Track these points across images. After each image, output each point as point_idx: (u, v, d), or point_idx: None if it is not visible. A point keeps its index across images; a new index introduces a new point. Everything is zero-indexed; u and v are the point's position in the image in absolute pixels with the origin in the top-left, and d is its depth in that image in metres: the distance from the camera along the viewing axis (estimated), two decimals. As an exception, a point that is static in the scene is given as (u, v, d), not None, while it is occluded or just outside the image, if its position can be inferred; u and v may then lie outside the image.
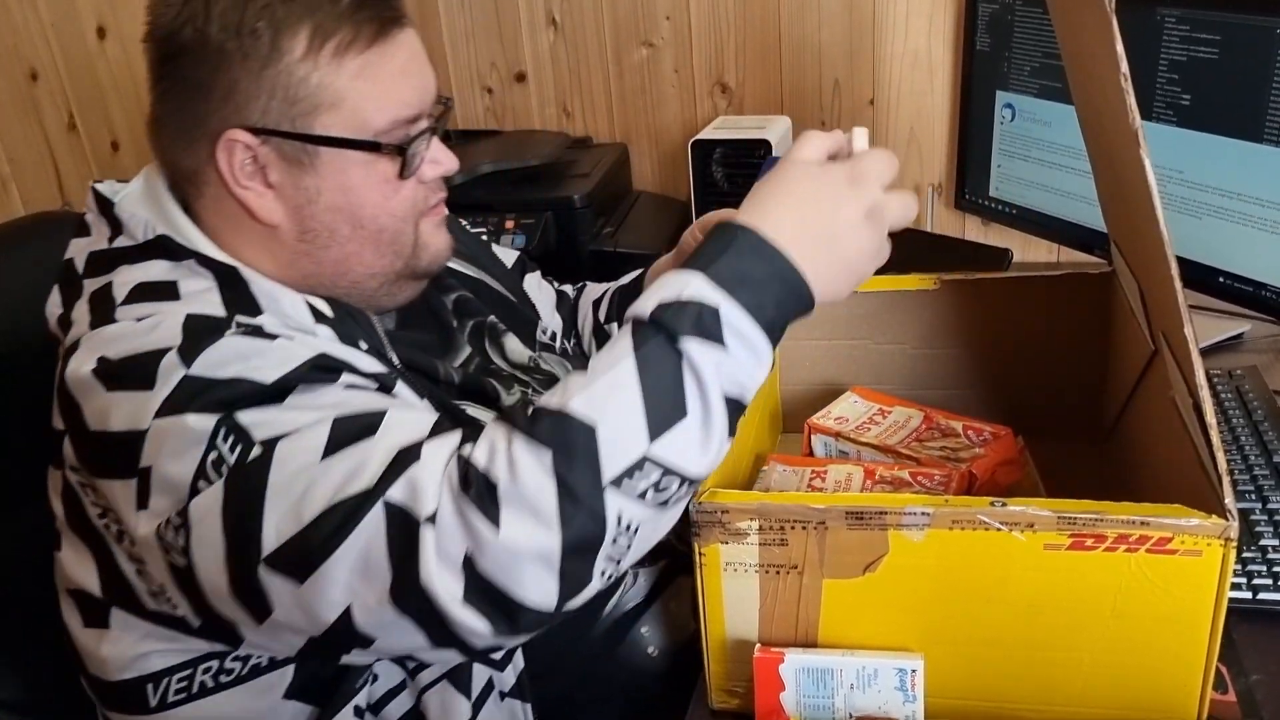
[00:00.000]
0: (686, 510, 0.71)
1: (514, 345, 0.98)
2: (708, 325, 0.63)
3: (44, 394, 0.79)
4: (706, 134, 1.46)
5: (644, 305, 0.65)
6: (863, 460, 0.94)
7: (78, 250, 0.81)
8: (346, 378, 0.72)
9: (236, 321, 0.72)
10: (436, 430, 0.68)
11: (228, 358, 0.69)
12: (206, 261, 0.76)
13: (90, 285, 0.78)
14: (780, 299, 0.66)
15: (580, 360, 1.09)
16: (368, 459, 0.64)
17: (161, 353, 0.69)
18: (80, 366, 0.72)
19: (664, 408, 0.63)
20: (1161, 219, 0.64)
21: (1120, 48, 0.63)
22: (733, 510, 0.71)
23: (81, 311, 0.77)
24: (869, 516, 0.68)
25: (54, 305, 0.81)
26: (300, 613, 0.65)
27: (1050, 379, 1.03)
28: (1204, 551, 0.64)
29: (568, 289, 1.19)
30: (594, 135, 1.67)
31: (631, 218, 1.53)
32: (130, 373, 0.69)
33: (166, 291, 0.74)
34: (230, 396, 0.68)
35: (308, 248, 0.80)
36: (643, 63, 1.61)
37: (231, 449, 0.66)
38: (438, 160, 0.83)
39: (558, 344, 1.07)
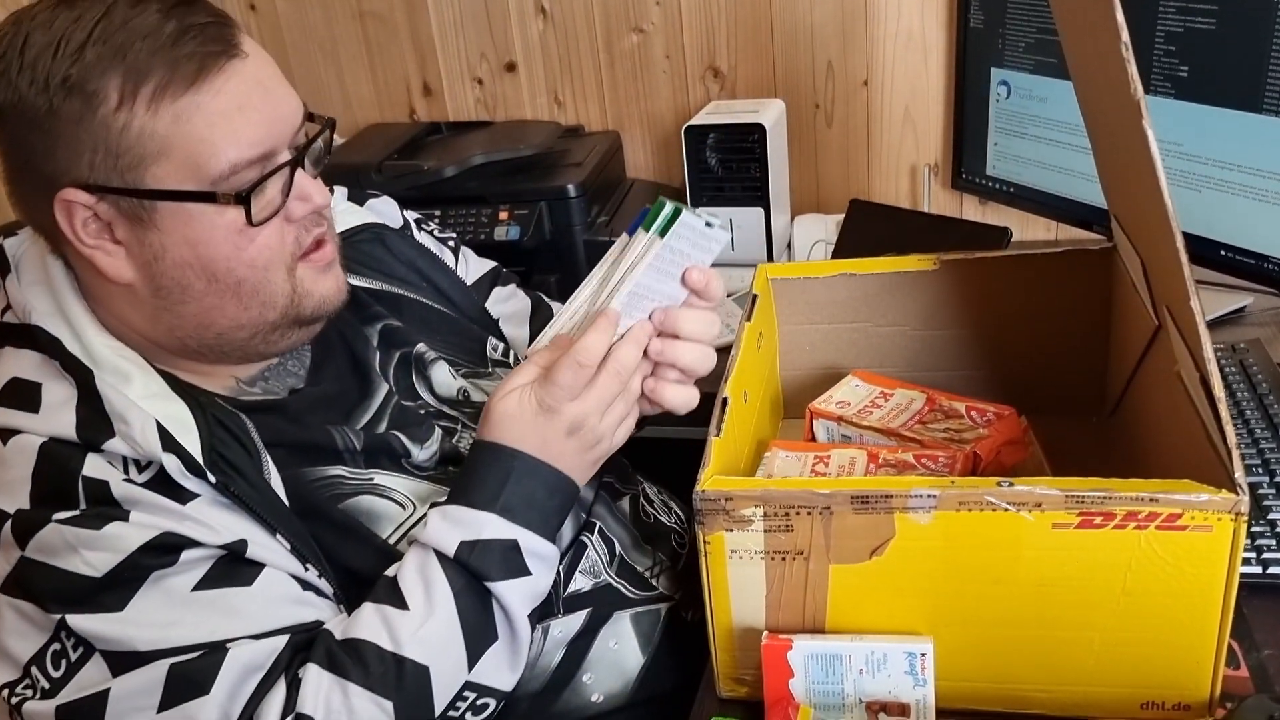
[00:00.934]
0: (689, 498, 0.71)
1: (441, 377, 0.94)
2: (512, 562, 0.75)
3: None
4: (699, 119, 1.45)
5: (446, 539, 0.75)
6: (866, 444, 0.93)
7: None
8: (189, 554, 0.72)
9: (67, 510, 0.72)
10: (281, 659, 0.72)
11: (57, 547, 0.70)
12: (70, 364, 0.75)
13: None
14: (561, 505, 0.79)
15: None
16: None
17: (4, 517, 0.72)
18: None
19: (478, 638, 0.75)
20: (1165, 191, 0.64)
21: (1121, 17, 0.62)
22: (737, 497, 0.70)
23: None
24: (875, 500, 0.68)
25: None
26: None
27: (1053, 357, 1.03)
28: (1214, 527, 0.63)
29: (554, 305, 1.14)
30: (586, 124, 1.66)
31: (626, 206, 1.52)
32: None
33: (30, 399, 0.74)
34: (66, 592, 0.70)
35: (164, 304, 0.76)
36: (633, 49, 1.60)
37: (74, 648, 0.71)
38: (306, 196, 0.76)
39: (511, 358, 1.02)
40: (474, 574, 0.74)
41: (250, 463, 0.77)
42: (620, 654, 0.88)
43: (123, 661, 0.70)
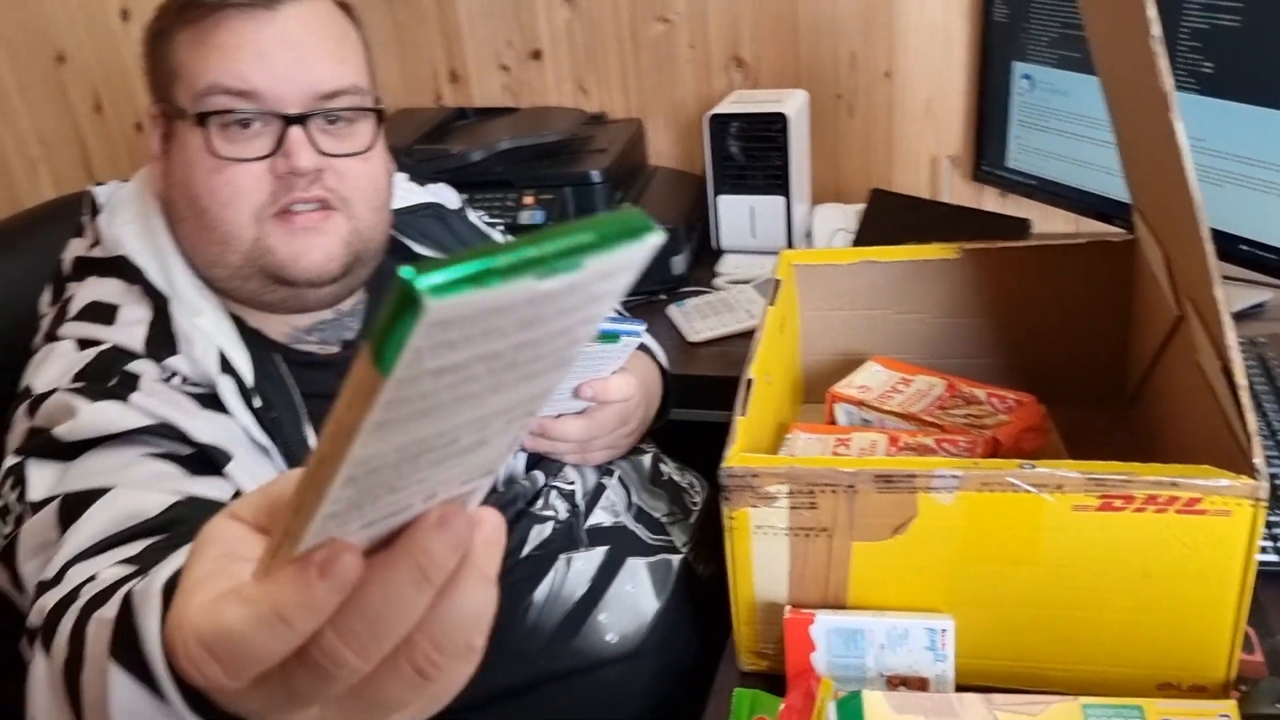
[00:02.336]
0: (712, 473, 0.73)
1: None
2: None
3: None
4: (722, 108, 1.46)
5: None
6: (886, 428, 0.95)
7: (69, 252, 0.86)
8: (158, 444, 0.72)
9: (75, 378, 0.75)
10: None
11: (51, 411, 0.74)
12: (151, 291, 0.80)
13: (69, 289, 0.84)
14: None
15: None
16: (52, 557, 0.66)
17: (28, 394, 0.76)
18: (21, 383, 0.79)
19: None
20: (1193, 180, 0.65)
21: (1153, 10, 0.63)
22: (763, 474, 0.72)
23: (47, 319, 0.83)
24: (898, 479, 0.69)
25: (43, 303, 0.87)
26: None
27: (1072, 346, 1.04)
28: (1233, 511, 0.65)
29: None
30: (609, 111, 1.67)
31: (649, 193, 1.53)
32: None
33: (107, 315, 0.80)
34: (35, 444, 0.72)
35: (174, 225, 0.84)
36: (658, 38, 1.61)
37: (13, 492, 0.72)
38: (288, 154, 0.78)
39: None
40: None
41: (290, 411, 0.80)
42: (636, 597, 0.90)
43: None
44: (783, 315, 1.00)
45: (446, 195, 1.10)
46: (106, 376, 0.75)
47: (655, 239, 0.29)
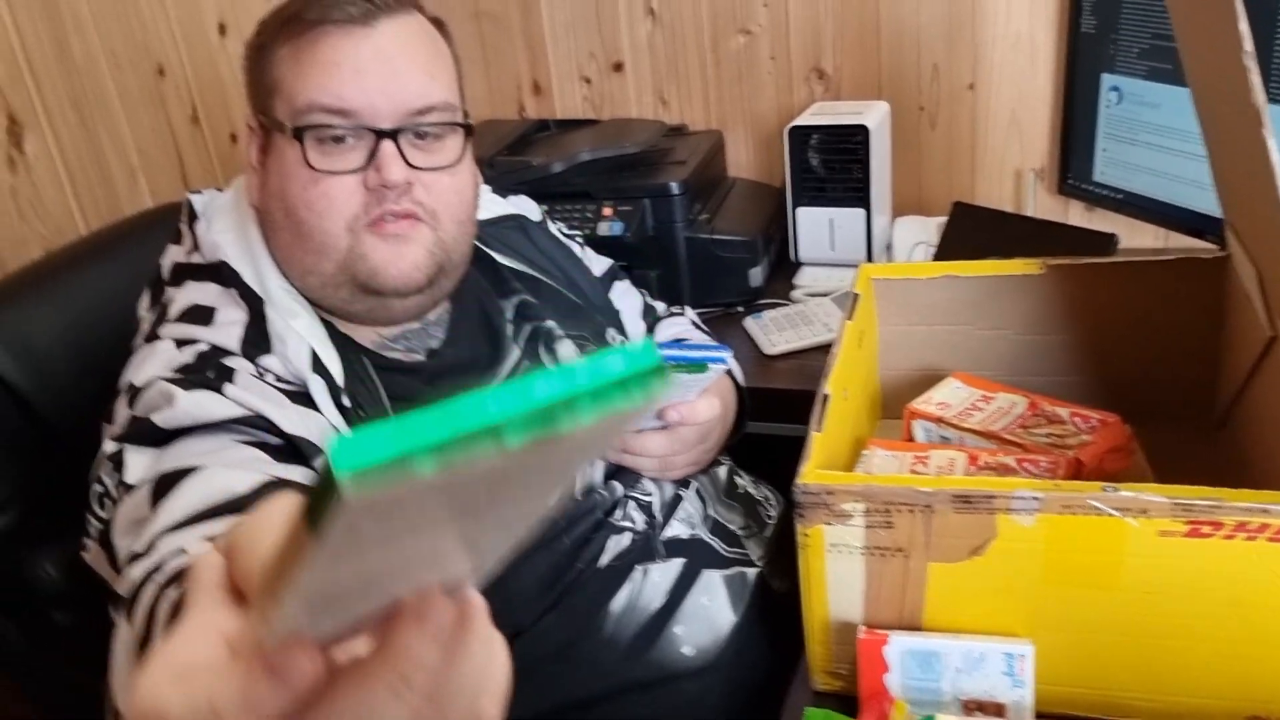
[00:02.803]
0: (787, 488, 0.73)
1: (567, 352, 0.99)
2: None
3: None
4: (803, 120, 1.46)
5: None
6: (965, 446, 0.93)
7: (167, 257, 0.89)
8: (249, 433, 0.74)
9: (176, 370, 0.78)
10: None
11: (150, 399, 0.76)
12: (247, 294, 0.83)
13: (167, 294, 0.86)
14: None
15: None
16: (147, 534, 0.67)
17: (131, 387, 0.79)
18: (123, 380, 0.82)
19: None
20: (1287, 200, 0.63)
21: (1244, 26, 0.62)
22: (838, 492, 0.71)
23: (147, 322, 0.86)
24: (977, 500, 0.68)
25: (142, 307, 0.89)
26: None
27: (1160, 366, 1.01)
28: (1328, 541, 0.62)
29: (658, 305, 1.21)
30: (689, 123, 1.68)
31: (728, 204, 1.53)
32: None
33: (204, 317, 0.82)
34: (133, 430, 0.75)
35: (269, 234, 0.86)
36: (739, 50, 1.62)
37: (111, 478, 0.74)
38: (379, 167, 0.81)
39: None
40: None
41: (378, 412, 0.83)
42: (712, 611, 0.90)
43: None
44: (861, 330, 0.99)
45: (528, 207, 1.12)
46: (203, 370, 0.78)
47: (661, 390, 0.26)
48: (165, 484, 0.69)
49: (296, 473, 0.73)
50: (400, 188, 0.81)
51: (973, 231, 1.38)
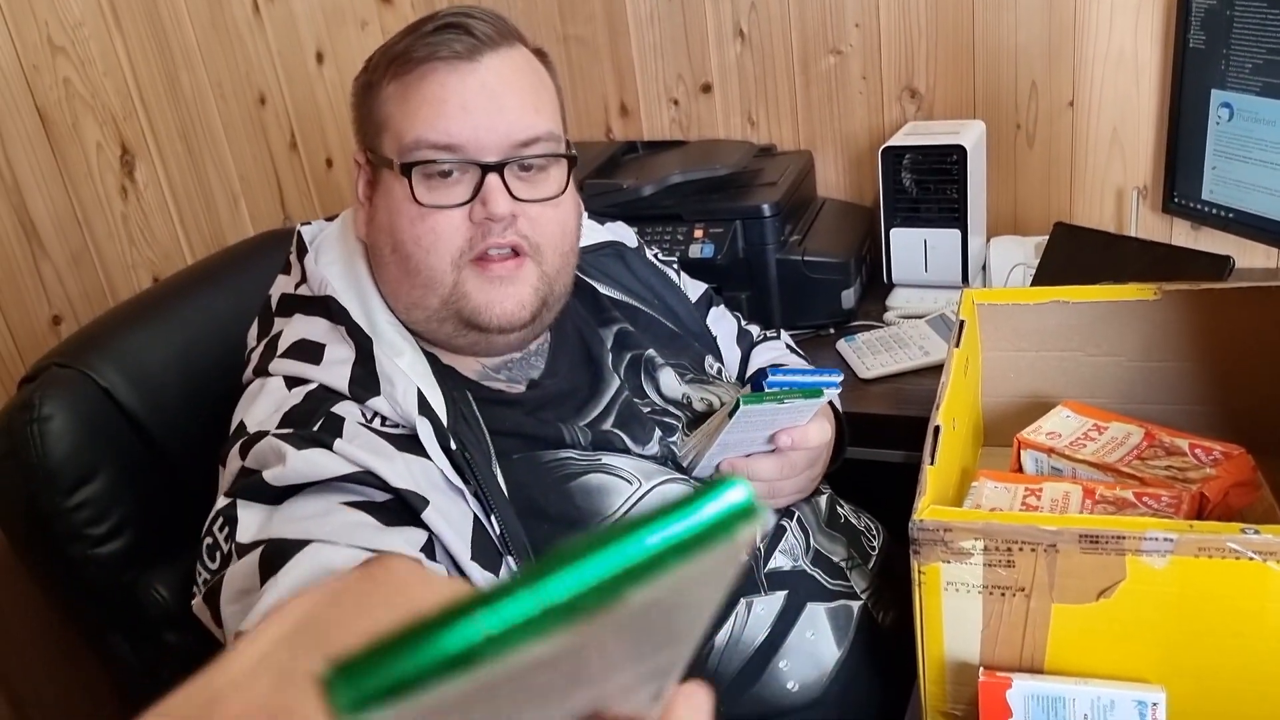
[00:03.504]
0: (886, 515, 0.71)
1: (668, 380, 0.98)
2: None
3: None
4: (896, 140, 1.44)
5: None
6: (1079, 478, 0.90)
7: (276, 288, 0.91)
8: (357, 493, 0.75)
9: (284, 418, 0.79)
10: None
11: (262, 454, 0.77)
12: (355, 331, 0.83)
13: (276, 325, 0.88)
14: None
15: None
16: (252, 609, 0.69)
17: (243, 430, 0.81)
18: (235, 417, 0.84)
19: None
20: None
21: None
22: (956, 529, 0.69)
23: (256, 353, 0.87)
24: (1105, 540, 0.66)
25: (251, 337, 0.91)
26: None
27: (1284, 396, 0.97)
28: None
29: (753, 329, 1.20)
30: (778, 144, 1.67)
31: (818, 225, 1.52)
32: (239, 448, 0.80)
33: (314, 354, 0.83)
34: (245, 485, 0.76)
35: (377, 267, 0.87)
36: (830, 70, 1.60)
37: (222, 532, 0.75)
38: (485, 200, 0.81)
39: (723, 377, 1.06)
40: None
41: (481, 450, 0.82)
42: (816, 645, 0.88)
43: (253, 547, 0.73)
44: (966, 356, 0.97)
45: (625, 234, 1.11)
46: (312, 418, 0.78)
47: (750, 534, 0.22)
48: (272, 556, 0.71)
49: (400, 536, 0.74)
50: (505, 220, 0.81)
51: (1075, 252, 1.34)
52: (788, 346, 1.20)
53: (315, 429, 0.77)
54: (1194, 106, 1.33)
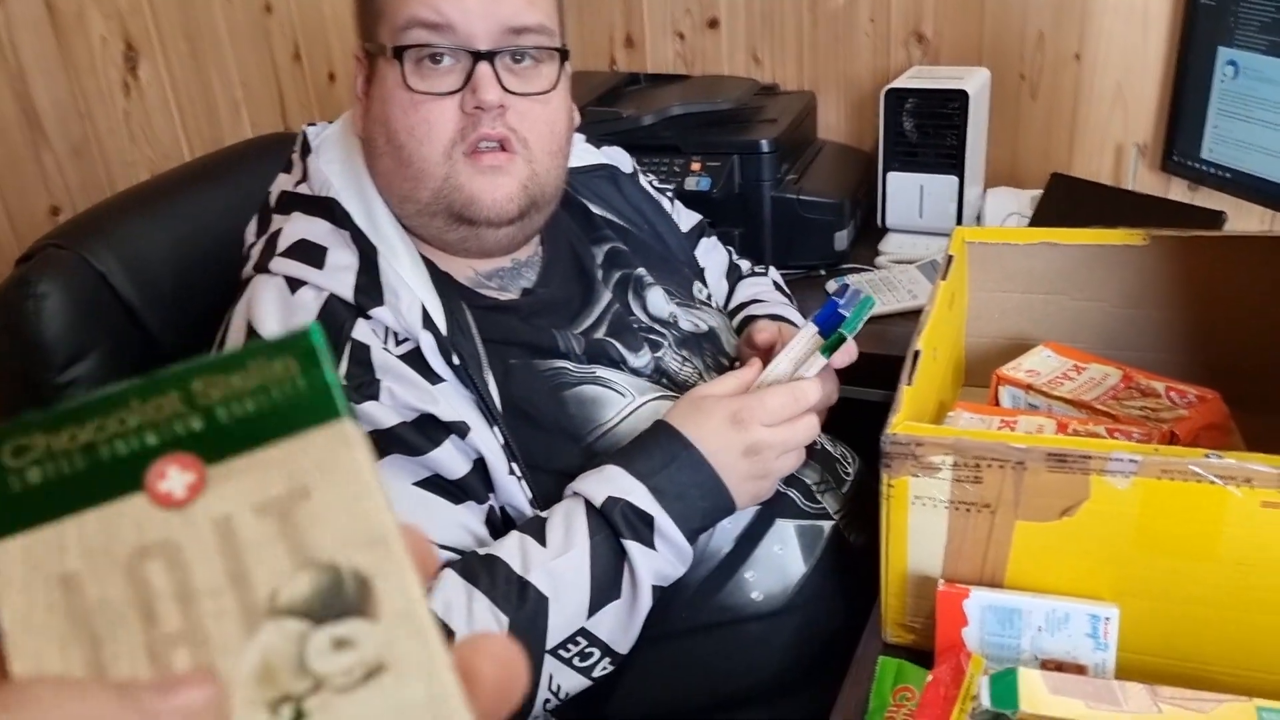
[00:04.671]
0: (866, 453, 0.72)
1: (656, 299, 0.99)
2: (644, 534, 0.77)
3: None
4: (900, 83, 1.44)
5: (596, 491, 0.78)
6: (1055, 414, 0.92)
7: (276, 185, 0.91)
8: (435, 448, 0.78)
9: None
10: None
11: None
12: (358, 237, 0.84)
13: (275, 223, 0.87)
14: (709, 511, 0.81)
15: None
16: None
17: None
18: (238, 318, 0.83)
19: (603, 589, 0.77)
20: None
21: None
22: (927, 444, 0.71)
23: (256, 249, 0.87)
24: (1072, 460, 0.67)
25: (249, 233, 0.91)
26: None
27: (1264, 347, 0.98)
28: None
29: (743, 264, 1.21)
30: (782, 83, 1.66)
31: (816, 165, 1.52)
32: None
33: (316, 257, 0.83)
34: None
35: (372, 162, 0.87)
36: (838, 11, 1.59)
37: None
38: (475, 88, 0.81)
39: (712, 303, 1.08)
40: (613, 528, 0.77)
41: (474, 360, 0.83)
42: (783, 559, 0.90)
43: None
44: (952, 292, 0.98)
45: (620, 158, 1.12)
46: (338, 352, 0.79)
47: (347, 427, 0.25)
48: None
49: (469, 514, 0.81)
50: (494, 110, 0.82)
51: (1070, 205, 1.34)
52: (775, 284, 1.20)
53: (353, 382, 0.78)
54: (1200, 63, 1.33)
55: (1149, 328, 1.03)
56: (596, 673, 0.79)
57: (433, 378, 0.80)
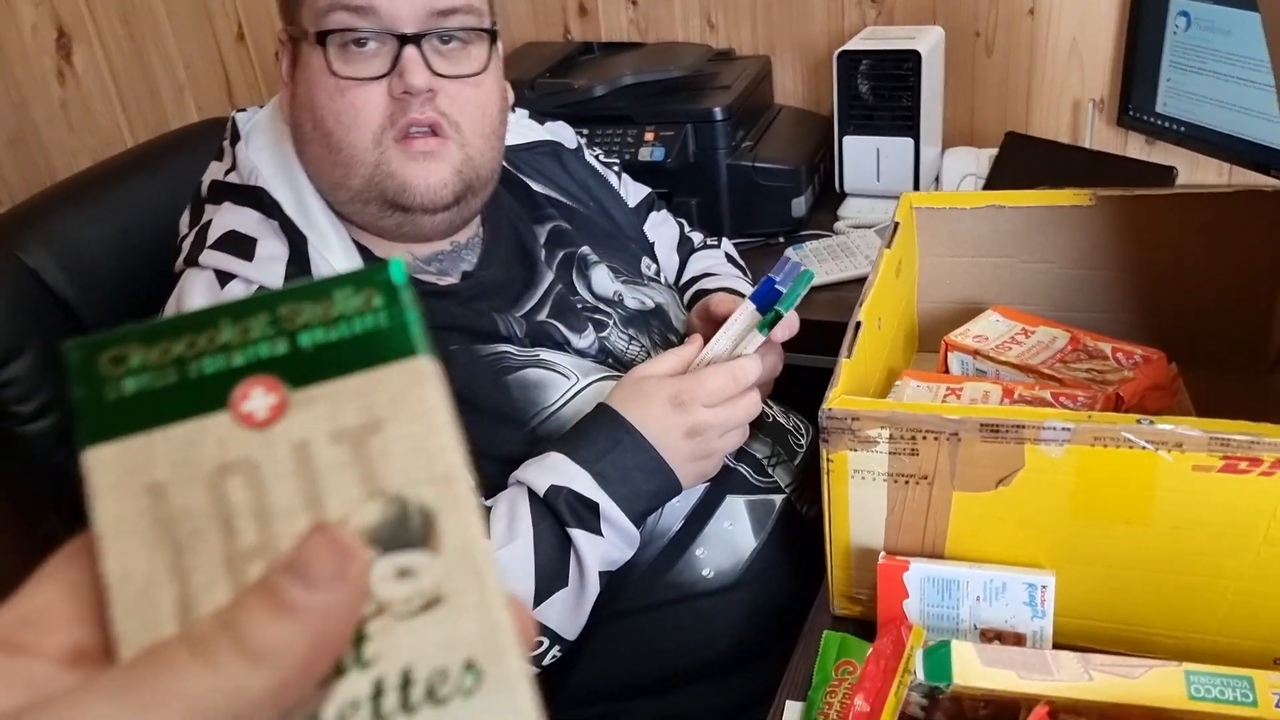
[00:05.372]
0: (814, 416, 0.72)
1: (600, 278, 0.98)
2: (589, 521, 0.77)
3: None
4: (853, 45, 1.42)
5: (539, 479, 0.77)
6: (1002, 379, 0.91)
7: (208, 175, 0.89)
8: None
9: None
10: None
11: None
12: (288, 226, 0.82)
13: (206, 213, 0.86)
14: (654, 492, 0.80)
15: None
16: None
17: None
18: (168, 310, 0.83)
19: (549, 578, 0.76)
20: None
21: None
22: (863, 418, 0.70)
23: (187, 242, 0.86)
24: (1005, 429, 0.67)
25: (183, 224, 0.90)
26: None
27: (1212, 305, 0.98)
28: (1370, 480, 0.60)
29: (694, 237, 1.19)
30: (737, 48, 1.64)
31: (772, 132, 1.50)
32: None
33: (246, 249, 0.82)
34: None
35: (300, 149, 0.85)
36: (791, -28, 1.57)
37: None
38: (402, 72, 0.79)
39: (661, 279, 1.07)
40: (557, 517, 0.76)
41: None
42: (734, 535, 0.90)
43: None
44: (899, 259, 0.97)
45: (565, 134, 1.10)
46: None
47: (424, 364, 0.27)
48: None
49: None
50: (423, 95, 0.80)
51: (1025, 163, 1.34)
52: (727, 256, 1.19)
53: None
54: (1153, 14, 1.32)
55: (1099, 288, 1.02)
56: (546, 661, 0.79)
57: None
